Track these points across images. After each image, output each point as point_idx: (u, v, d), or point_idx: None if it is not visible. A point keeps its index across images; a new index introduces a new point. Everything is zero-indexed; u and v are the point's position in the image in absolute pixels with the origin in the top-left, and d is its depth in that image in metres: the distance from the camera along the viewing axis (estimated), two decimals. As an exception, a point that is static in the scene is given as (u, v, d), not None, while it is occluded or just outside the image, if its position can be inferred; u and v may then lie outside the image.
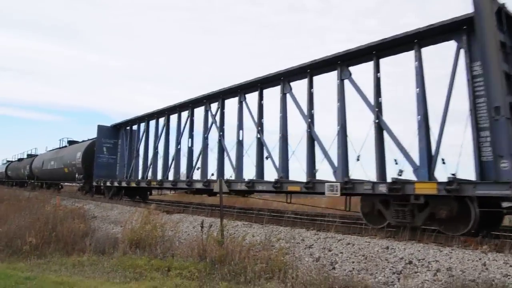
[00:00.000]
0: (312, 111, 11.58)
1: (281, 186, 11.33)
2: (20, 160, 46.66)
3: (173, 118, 17.80)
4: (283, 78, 12.23)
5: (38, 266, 9.14)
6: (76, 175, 24.95)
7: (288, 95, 12.19)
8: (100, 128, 22.80)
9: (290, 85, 12.16)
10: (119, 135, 22.84)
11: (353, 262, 7.52)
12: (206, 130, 15.33)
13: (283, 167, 11.87)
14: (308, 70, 11.52)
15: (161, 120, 18.70)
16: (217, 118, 14.76)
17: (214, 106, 15.23)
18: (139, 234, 10.14)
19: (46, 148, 38.73)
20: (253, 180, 12.30)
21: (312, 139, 11.30)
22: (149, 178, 18.37)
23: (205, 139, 15.33)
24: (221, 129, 14.55)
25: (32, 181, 37.33)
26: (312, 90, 11.63)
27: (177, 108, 17.17)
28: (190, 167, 15.84)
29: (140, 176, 19.60)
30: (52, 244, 10.92)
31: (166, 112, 18.06)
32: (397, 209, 8.95)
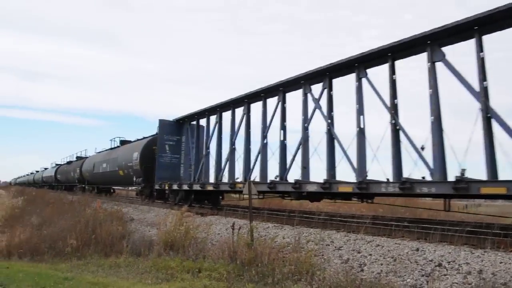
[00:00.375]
0: (486, 82, 8.42)
1: (468, 187, 8.03)
2: (69, 163, 43.72)
3: (255, 107, 14.91)
4: (431, 42, 9.24)
5: (78, 267, 9.59)
6: (134, 178, 21.95)
7: (439, 65, 9.15)
8: (162, 124, 19.87)
9: (442, 52, 9.13)
10: (183, 130, 19.95)
11: (381, 264, 7.45)
12: (306, 119, 12.45)
13: (439, 161, 8.94)
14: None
15: (238, 111, 15.56)
16: (323, 102, 11.96)
17: (315, 89, 12.36)
18: (173, 236, 10.43)
19: (95, 149, 36.13)
20: (411, 179, 9.18)
21: (489, 120, 8.27)
22: (223, 180, 15.87)
23: (305, 130, 12.42)
24: (329, 116, 11.71)
25: (83, 185, 34.47)
26: (481, 54, 8.56)
27: (261, 94, 14.22)
28: (284, 166, 13.06)
29: (212, 178, 16.88)
30: (91, 246, 11.40)
31: (245, 100, 15.02)
32: None
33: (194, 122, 19.30)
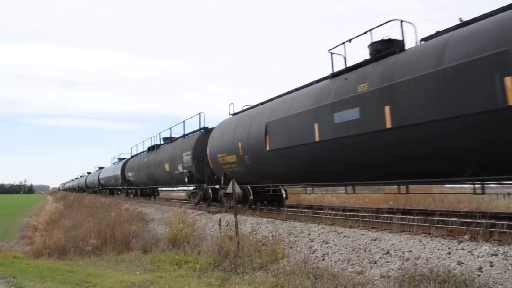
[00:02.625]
0: None
1: None
2: (153, 148, 25.27)
3: None
4: None
5: (92, 263, 10.95)
6: None
7: None
8: None
9: None
10: None
11: (342, 254, 8.12)
12: None
13: None
14: None
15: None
16: None
17: None
18: (174, 233, 11.57)
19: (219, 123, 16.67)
20: None
21: None
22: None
23: None
24: None
25: (202, 185, 17.14)
26: None
27: None
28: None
29: None
30: (108, 244, 12.79)
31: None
32: None
33: None
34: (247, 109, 15.33)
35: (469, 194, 10.19)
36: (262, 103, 14.38)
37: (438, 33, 8.33)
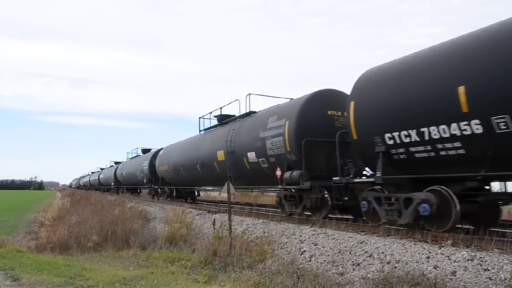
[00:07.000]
0: None
1: None
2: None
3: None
4: None
5: (91, 258, 11.30)
6: None
7: None
8: None
9: None
10: None
11: (328, 255, 8.33)
12: None
13: None
14: None
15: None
16: None
17: None
18: (172, 232, 11.88)
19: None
20: None
21: None
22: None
23: None
24: None
25: None
26: None
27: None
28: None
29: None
30: (109, 241, 13.14)
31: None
32: None
33: None
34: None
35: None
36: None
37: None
